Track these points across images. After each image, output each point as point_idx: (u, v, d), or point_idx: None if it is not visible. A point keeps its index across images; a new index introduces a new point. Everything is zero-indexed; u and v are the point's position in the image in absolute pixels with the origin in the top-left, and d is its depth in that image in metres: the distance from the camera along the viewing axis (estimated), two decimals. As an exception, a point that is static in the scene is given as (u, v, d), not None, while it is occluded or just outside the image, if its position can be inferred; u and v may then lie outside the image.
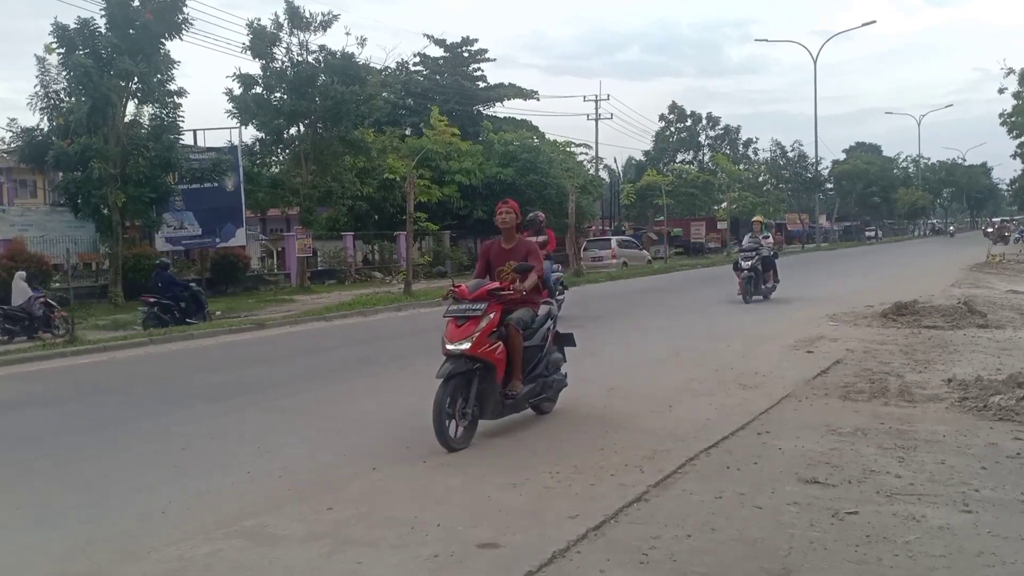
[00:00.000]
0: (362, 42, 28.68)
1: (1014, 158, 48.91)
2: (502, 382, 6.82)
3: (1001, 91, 38.75)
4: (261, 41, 26.59)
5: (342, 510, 5.17)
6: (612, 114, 79.75)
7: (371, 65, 28.83)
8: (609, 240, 38.99)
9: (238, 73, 26.93)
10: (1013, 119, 42.37)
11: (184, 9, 21.93)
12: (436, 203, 31.48)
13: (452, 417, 6.50)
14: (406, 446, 6.64)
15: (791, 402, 7.81)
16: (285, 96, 26.96)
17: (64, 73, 20.88)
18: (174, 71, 22.16)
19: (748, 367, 9.70)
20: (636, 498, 5.17)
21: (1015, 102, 41.02)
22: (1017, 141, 43.21)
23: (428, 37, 49.37)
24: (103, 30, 20.98)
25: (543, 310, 7.40)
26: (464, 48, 49.26)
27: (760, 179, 63.32)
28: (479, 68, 50.03)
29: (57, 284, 20.79)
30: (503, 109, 51.26)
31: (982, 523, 4.63)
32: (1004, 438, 6.33)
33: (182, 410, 8.48)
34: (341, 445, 6.83)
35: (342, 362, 11.69)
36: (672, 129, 62.70)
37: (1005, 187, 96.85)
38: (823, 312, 14.92)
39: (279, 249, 32.68)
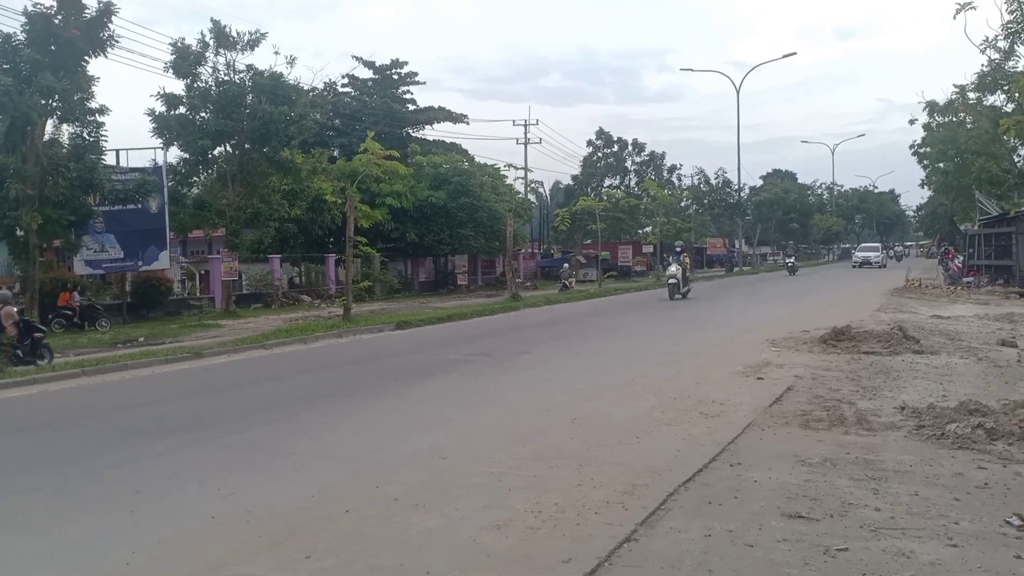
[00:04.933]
0: (291, 61, 28.25)
1: (922, 186, 51.00)
2: None
3: (911, 122, 40.37)
4: (184, 60, 25.95)
5: (321, 558, 4.94)
6: (540, 139, 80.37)
7: (300, 85, 28.38)
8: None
9: (162, 92, 26.19)
10: (923, 149, 44.21)
11: (109, 26, 21.20)
12: (368, 226, 31.08)
13: None
14: (375, 485, 6.43)
15: (755, 431, 7.86)
16: (210, 116, 26.31)
17: (-19, 90, 19.91)
18: (94, 88, 21.34)
19: (704, 394, 9.76)
20: (626, 538, 5.10)
21: (924, 133, 42.78)
22: (927, 170, 45.03)
23: (357, 59, 48.83)
24: (24, 46, 20.12)
25: None
26: (394, 71, 48.99)
27: (683, 204, 64.57)
28: (408, 91, 49.82)
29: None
30: (432, 132, 51.20)
31: (970, 558, 4.70)
32: (968, 467, 6.48)
33: (129, 447, 8.02)
34: (306, 484, 6.56)
35: (290, 393, 11.30)
36: (600, 154, 63.44)
37: (911, 213, 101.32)
38: (762, 337, 15.16)
39: (202, 272, 31.69)
